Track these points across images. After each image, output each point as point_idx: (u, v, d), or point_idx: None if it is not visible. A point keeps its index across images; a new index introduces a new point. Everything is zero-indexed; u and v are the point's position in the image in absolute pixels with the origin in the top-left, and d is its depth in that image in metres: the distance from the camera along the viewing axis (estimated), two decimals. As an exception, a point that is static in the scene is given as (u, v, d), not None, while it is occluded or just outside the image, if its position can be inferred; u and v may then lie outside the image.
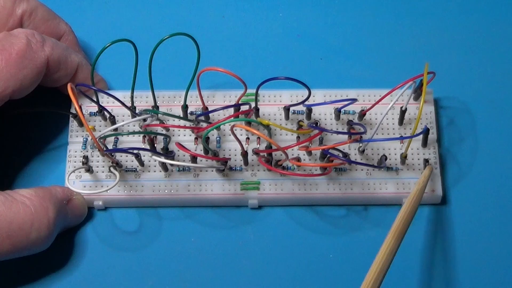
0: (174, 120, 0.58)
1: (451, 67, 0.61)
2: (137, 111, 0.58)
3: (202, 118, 0.58)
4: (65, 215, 0.55)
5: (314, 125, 0.58)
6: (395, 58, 0.62)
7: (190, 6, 0.64)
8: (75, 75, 0.58)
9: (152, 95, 0.57)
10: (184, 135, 0.59)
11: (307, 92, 0.56)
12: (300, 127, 0.58)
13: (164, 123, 0.58)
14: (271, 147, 0.57)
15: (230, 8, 0.64)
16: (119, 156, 0.57)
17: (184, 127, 0.58)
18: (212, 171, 0.57)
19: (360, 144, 0.57)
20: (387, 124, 0.59)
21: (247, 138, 0.58)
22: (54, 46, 0.56)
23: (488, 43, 0.62)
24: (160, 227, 0.57)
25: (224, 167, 0.57)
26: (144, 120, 0.57)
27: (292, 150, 0.57)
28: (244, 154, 0.57)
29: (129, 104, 0.58)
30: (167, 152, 0.57)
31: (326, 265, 0.56)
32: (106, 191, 0.57)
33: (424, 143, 0.58)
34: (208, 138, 0.58)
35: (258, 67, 0.62)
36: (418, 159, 0.58)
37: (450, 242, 0.57)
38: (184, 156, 0.58)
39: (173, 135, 0.58)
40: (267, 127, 0.56)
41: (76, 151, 0.58)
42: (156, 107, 0.58)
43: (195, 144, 0.58)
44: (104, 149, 0.56)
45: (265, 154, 0.57)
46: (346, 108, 0.58)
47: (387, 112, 0.55)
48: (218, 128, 0.59)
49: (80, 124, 0.58)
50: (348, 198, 0.57)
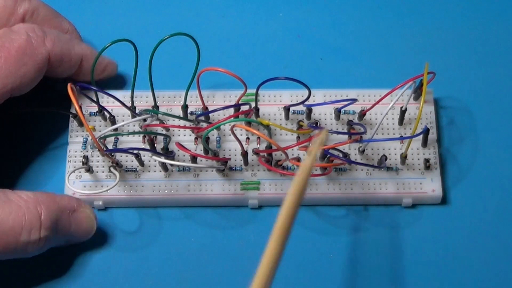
0: (174, 120, 0.58)
1: (451, 67, 0.61)
2: (137, 111, 0.58)
3: (202, 118, 0.58)
4: (66, 226, 0.54)
5: (314, 125, 0.58)
6: (395, 58, 0.62)
7: (190, 6, 0.64)
8: (80, 66, 0.57)
9: (152, 95, 0.57)
10: (184, 135, 0.59)
11: (307, 92, 0.56)
12: (300, 127, 0.58)
13: (164, 123, 0.58)
14: (271, 147, 0.57)
15: (230, 8, 0.64)
16: (119, 156, 0.57)
17: (184, 127, 0.58)
18: (212, 171, 0.57)
19: (360, 144, 0.57)
20: (387, 124, 0.59)
21: (247, 138, 0.58)
22: (56, 39, 0.56)
23: (488, 43, 0.62)
24: (160, 227, 0.57)
25: (224, 167, 0.57)
26: (144, 120, 0.57)
27: (292, 150, 0.57)
28: (244, 154, 0.57)
29: (129, 104, 0.58)
30: (167, 152, 0.57)
31: (326, 265, 0.56)
32: (106, 191, 0.56)
33: (424, 143, 0.58)
34: (208, 138, 0.58)
35: (258, 67, 0.62)
36: (418, 159, 0.58)
37: (450, 242, 0.57)
38: (184, 156, 0.58)
39: (173, 135, 0.58)
40: (267, 127, 0.56)
41: (76, 151, 0.58)
42: (156, 107, 0.58)
43: (195, 144, 0.58)
44: (104, 149, 0.56)
45: (265, 154, 0.56)
46: (346, 108, 0.58)
47: (387, 112, 0.55)
48: (218, 128, 0.59)
49: (80, 124, 0.58)
50: (348, 198, 0.57)
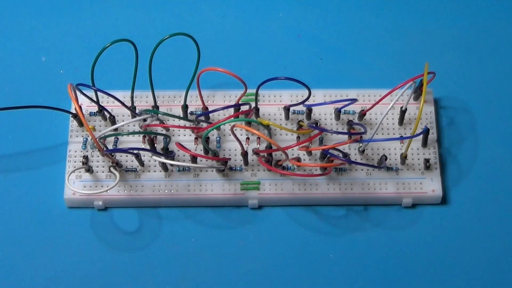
0: (174, 120, 0.58)
1: (451, 67, 0.61)
2: (137, 111, 0.58)
3: (202, 118, 0.58)
4: None
5: (314, 125, 0.58)
6: (395, 58, 0.62)
7: (190, 6, 0.64)
8: None
9: (152, 95, 0.57)
10: (184, 135, 0.59)
11: (307, 92, 0.56)
12: (300, 127, 0.58)
13: (164, 123, 0.58)
14: (271, 147, 0.57)
15: (230, 8, 0.64)
16: (119, 156, 0.57)
17: (184, 127, 0.58)
18: (212, 171, 0.57)
19: (360, 144, 0.57)
20: (387, 124, 0.59)
21: (247, 138, 0.58)
22: None
23: (488, 43, 0.62)
24: (160, 227, 0.57)
25: (224, 167, 0.57)
26: (144, 120, 0.57)
27: (292, 150, 0.57)
28: (244, 154, 0.57)
29: (129, 104, 0.58)
30: (167, 152, 0.57)
31: (326, 265, 0.56)
32: (106, 191, 0.57)
33: (424, 143, 0.58)
34: (208, 138, 0.58)
35: (258, 67, 0.62)
36: (418, 159, 0.58)
37: (450, 242, 0.57)
38: (184, 156, 0.58)
39: (173, 135, 0.58)
40: (267, 127, 0.56)
41: (76, 151, 0.58)
42: (156, 107, 0.59)
43: (195, 144, 0.58)
44: (104, 149, 0.56)
45: (265, 154, 0.56)
46: (346, 108, 0.58)
47: (387, 112, 0.55)
48: (218, 128, 0.59)
49: (80, 124, 0.58)
50: (348, 198, 0.57)
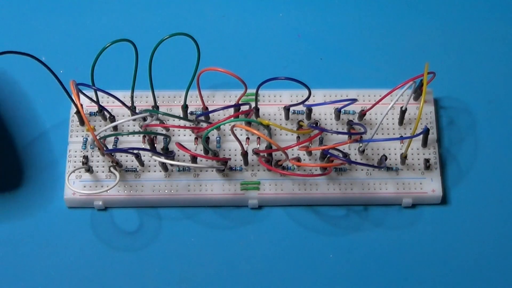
0: (174, 120, 0.58)
1: (451, 67, 0.61)
2: (137, 111, 0.58)
3: (202, 118, 0.58)
4: None
5: (314, 125, 0.58)
6: (395, 58, 0.62)
7: (190, 6, 0.64)
8: None
9: (152, 95, 0.57)
10: (184, 135, 0.59)
11: (307, 92, 0.56)
12: (300, 127, 0.58)
13: (164, 123, 0.58)
14: (271, 147, 0.57)
15: (230, 8, 0.64)
16: (119, 156, 0.57)
17: (184, 127, 0.58)
18: (212, 171, 0.57)
19: (360, 144, 0.57)
20: (387, 124, 0.59)
21: (247, 138, 0.58)
22: None
23: (488, 43, 0.62)
24: (160, 227, 0.57)
25: (224, 167, 0.57)
26: (144, 119, 0.57)
27: (292, 150, 0.57)
28: (244, 154, 0.57)
29: (129, 104, 0.58)
30: (167, 152, 0.57)
31: (326, 265, 0.56)
32: (106, 191, 0.56)
33: (424, 143, 0.58)
34: (208, 138, 0.58)
35: (258, 67, 0.62)
36: (418, 159, 0.58)
37: (450, 242, 0.57)
38: (184, 156, 0.58)
39: (173, 135, 0.58)
40: (267, 127, 0.56)
41: (76, 151, 0.58)
42: (156, 107, 0.58)
43: (195, 144, 0.58)
44: (104, 149, 0.56)
45: (265, 154, 0.56)
46: (346, 108, 0.58)
47: (387, 112, 0.55)
48: (218, 128, 0.59)
49: (81, 122, 0.58)
50: (348, 198, 0.57)
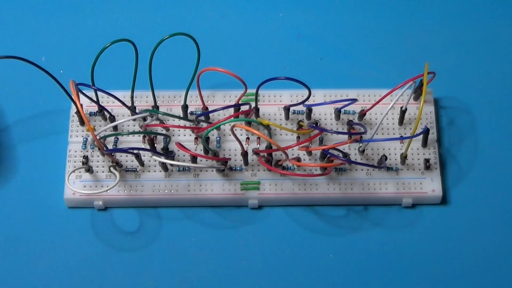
0: (174, 120, 0.58)
1: (451, 67, 0.61)
2: (137, 111, 0.58)
3: (202, 118, 0.58)
4: None
5: (314, 125, 0.58)
6: (395, 58, 0.62)
7: (190, 6, 0.64)
8: None
9: (152, 95, 0.57)
10: (184, 135, 0.59)
11: (307, 92, 0.56)
12: (300, 127, 0.58)
13: (164, 123, 0.58)
14: (271, 147, 0.57)
15: (230, 8, 0.64)
16: (119, 156, 0.57)
17: (184, 127, 0.58)
18: (212, 171, 0.57)
19: (360, 144, 0.57)
20: (387, 124, 0.59)
21: (247, 138, 0.58)
22: None
23: (488, 43, 0.62)
24: (160, 227, 0.57)
25: (224, 167, 0.57)
26: (144, 119, 0.57)
27: (292, 150, 0.57)
28: (244, 154, 0.57)
29: (129, 104, 0.58)
30: (167, 152, 0.57)
31: (326, 265, 0.56)
32: (106, 191, 0.56)
33: (424, 143, 0.58)
34: (208, 138, 0.58)
35: (258, 67, 0.62)
36: (418, 159, 0.58)
37: (450, 242, 0.57)
38: (184, 156, 0.58)
39: (173, 135, 0.58)
40: (267, 127, 0.56)
41: (76, 151, 0.58)
42: (156, 107, 0.59)
43: (195, 144, 0.58)
44: (104, 148, 0.56)
45: (265, 154, 0.56)
46: (346, 108, 0.58)
47: (387, 112, 0.55)
48: (218, 128, 0.59)
49: (81, 122, 0.58)
50: (348, 198, 0.57)
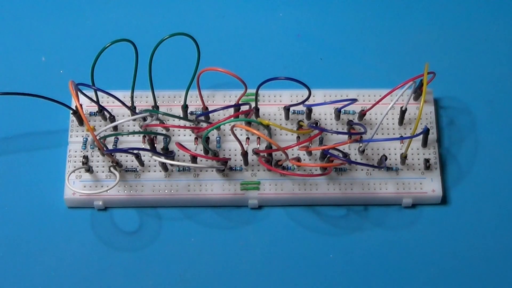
0: (174, 120, 0.58)
1: (451, 67, 0.61)
2: (137, 111, 0.58)
3: (202, 118, 0.58)
4: None
5: (314, 125, 0.58)
6: (395, 58, 0.62)
7: (190, 6, 0.64)
8: None
9: (152, 95, 0.57)
10: (184, 135, 0.59)
11: (307, 92, 0.56)
12: (300, 127, 0.58)
13: (164, 123, 0.58)
14: (271, 147, 0.57)
15: (230, 8, 0.64)
16: (119, 156, 0.57)
17: (184, 127, 0.58)
18: (212, 171, 0.57)
19: (360, 144, 0.57)
20: (387, 124, 0.59)
21: (247, 138, 0.58)
22: None
23: (488, 43, 0.62)
24: (160, 227, 0.57)
25: (224, 167, 0.57)
26: (144, 119, 0.57)
27: (292, 150, 0.57)
28: (244, 154, 0.57)
29: (129, 104, 0.58)
30: (167, 152, 0.57)
31: (326, 265, 0.56)
32: (106, 191, 0.57)
33: (424, 143, 0.58)
34: (208, 138, 0.58)
35: (258, 67, 0.62)
36: (418, 159, 0.58)
37: (450, 242, 0.57)
38: (184, 156, 0.58)
39: (173, 135, 0.58)
40: (267, 127, 0.56)
41: (76, 151, 0.58)
42: (156, 107, 0.59)
43: (195, 144, 0.58)
44: (104, 148, 0.56)
45: (265, 154, 0.56)
46: (346, 108, 0.58)
47: (387, 112, 0.55)
48: (218, 128, 0.59)
49: (80, 122, 0.58)
50: (348, 198, 0.57)
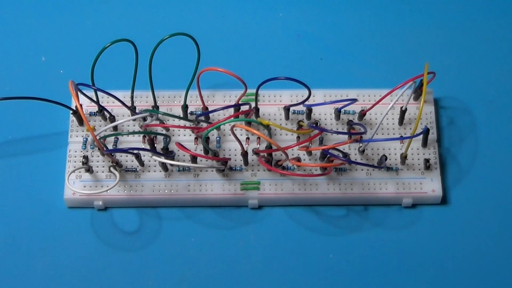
0: (174, 120, 0.58)
1: (451, 67, 0.61)
2: (137, 111, 0.58)
3: (202, 118, 0.58)
4: None
5: (314, 125, 0.58)
6: (395, 58, 0.62)
7: (190, 6, 0.64)
8: None
9: (152, 95, 0.57)
10: (184, 135, 0.59)
11: (307, 92, 0.56)
12: (300, 127, 0.58)
13: (164, 123, 0.58)
14: (271, 147, 0.57)
15: (230, 8, 0.64)
16: (119, 156, 0.57)
17: (184, 127, 0.58)
18: (212, 171, 0.57)
19: (360, 144, 0.57)
20: (387, 124, 0.59)
21: (247, 138, 0.58)
22: None
23: (488, 43, 0.62)
24: (160, 227, 0.57)
25: (224, 167, 0.57)
26: (144, 119, 0.57)
27: (292, 150, 0.57)
28: (244, 154, 0.57)
29: (129, 104, 0.58)
30: (167, 152, 0.57)
31: (326, 265, 0.56)
32: (106, 191, 0.57)
33: (424, 143, 0.58)
34: (208, 138, 0.58)
35: (258, 67, 0.62)
36: (418, 159, 0.58)
37: (450, 242, 0.57)
38: (184, 156, 0.58)
39: (173, 135, 0.58)
40: (267, 127, 0.56)
41: (76, 151, 0.58)
42: (156, 107, 0.59)
43: (195, 144, 0.58)
44: (104, 149, 0.56)
45: (265, 154, 0.56)
46: (346, 108, 0.58)
47: (387, 112, 0.55)
48: (218, 128, 0.59)
49: (80, 122, 0.58)
50: (348, 198, 0.57)
